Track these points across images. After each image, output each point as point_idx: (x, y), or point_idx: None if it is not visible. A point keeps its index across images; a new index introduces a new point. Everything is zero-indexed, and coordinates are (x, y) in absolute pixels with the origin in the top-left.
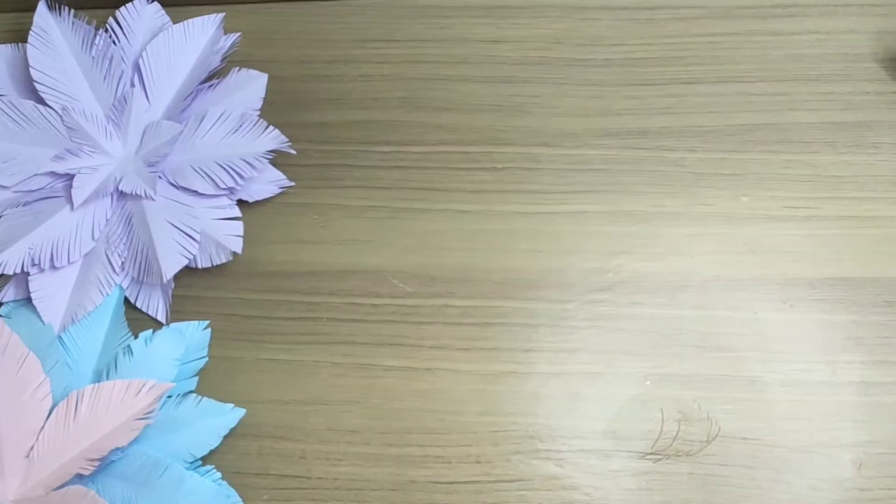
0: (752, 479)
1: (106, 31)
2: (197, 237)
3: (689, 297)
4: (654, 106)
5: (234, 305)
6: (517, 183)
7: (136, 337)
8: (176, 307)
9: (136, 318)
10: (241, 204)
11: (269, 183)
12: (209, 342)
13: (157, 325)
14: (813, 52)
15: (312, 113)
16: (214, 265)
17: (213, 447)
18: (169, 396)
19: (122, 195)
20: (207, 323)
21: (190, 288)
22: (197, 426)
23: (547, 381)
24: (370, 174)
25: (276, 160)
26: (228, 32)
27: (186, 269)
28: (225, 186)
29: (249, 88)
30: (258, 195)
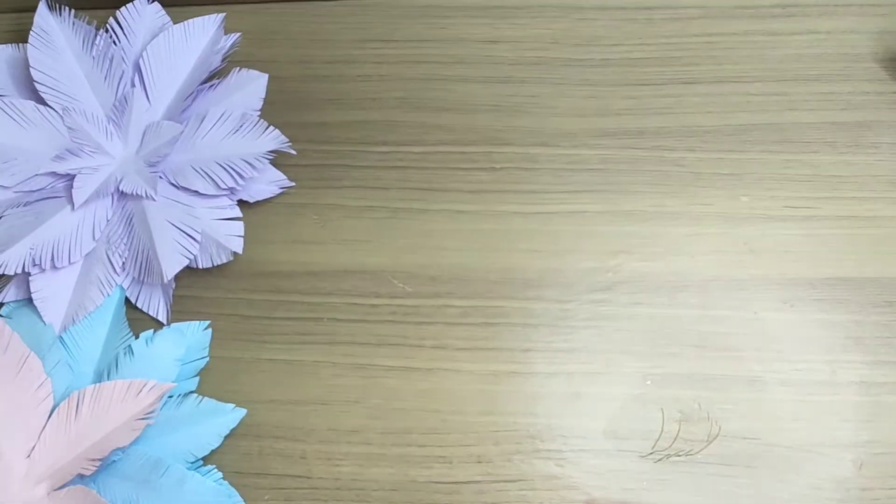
0: (752, 479)
1: (106, 31)
2: (197, 237)
3: (688, 296)
4: (652, 106)
5: (234, 305)
6: (516, 183)
7: (136, 337)
8: (177, 307)
9: (136, 318)
10: (241, 204)
11: (269, 183)
12: (210, 342)
13: (157, 325)
14: (812, 51)
15: (312, 113)
16: (215, 265)
17: (213, 447)
18: (170, 396)
19: (122, 195)
20: (208, 323)
21: (191, 288)
22: (198, 426)
23: (547, 380)
24: (369, 174)
25: (276, 160)
26: (229, 32)
27: (187, 269)
28: (225, 186)
29: (250, 89)
30: (258, 195)
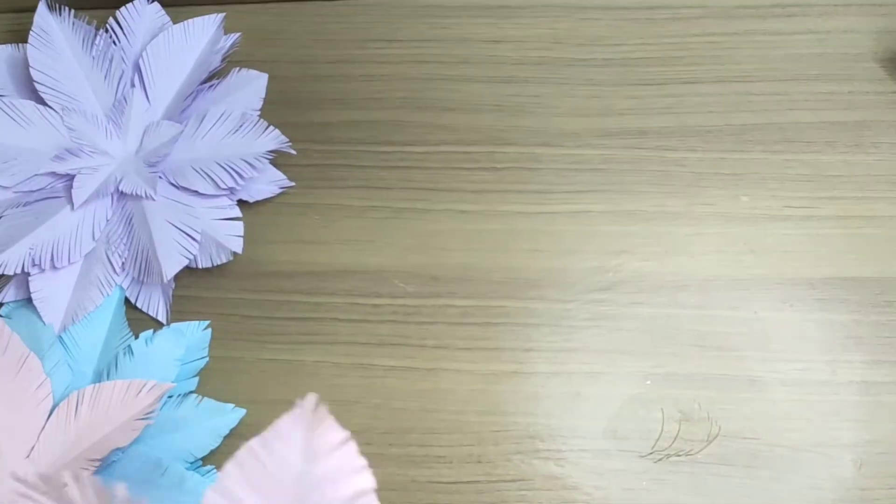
0: (752, 478)
1: (106, 31)
2: (197, 237)
3: (689, 296)
4: (654, 106)
5: (234, 305)
6: (518, 183)
7: (136, 337)
8: (176, 307)
9: (136, 318)
10: (241, 204)
11: (269, 183)
12: (210, 342)
13: (157, 325)
14: (813, 51)
15: (313, 113)
16: (215, 265)
17: (213, 447)
18: (169, 396)
19: (122, 195)
20: (208, 323)
21: (190, 288)
22: (197, 426)
23: (547, 380)
24: (371, 174)
25: (276, 160)
26: (229, 32)
27: (187, 269)
28: (225, 186)
29: (250, 88)
30: (259, 195)
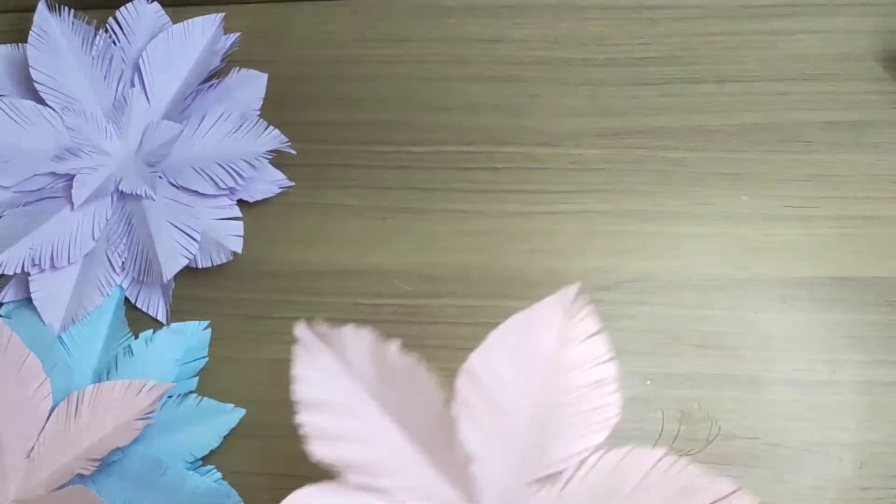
0: (752, 478)
1: (106, 31)
2: (197, 237)
3: (689, 296)
4: (654, 105)
5: (234, 305)
6: (518, 183)
7: (136, 337)
8: (176, 307)
9: (136, 318)
10: (241, 204)
11: (269, 183)
12: (210, 342)
13: (157, 325)
14: (813, 51)
15: (313, 112)
16: (215, 265)
17: (213, 447)
18: (169, 396)
19: (122, 195)
20: (208, 323)
21: (190, 288)
22: (197, 426)
23: None
24: (371, 174)
25: (276, 160)
26: (228, 32)
27: (187, 269)
28: (225, 186)
29: (249, 88)
30: (258, 195)
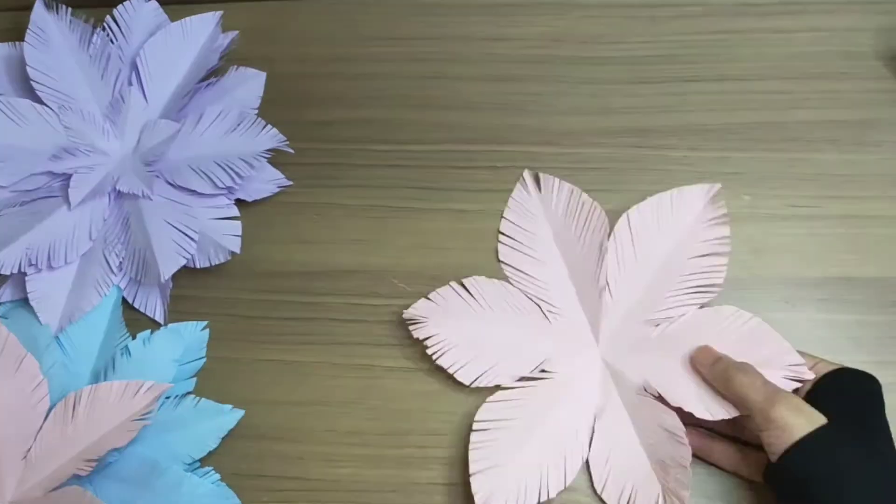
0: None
1: (103, 29)
2: (195, 237)
3: None
4: (655, 104)
5: (232, 306)
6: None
7: (134, 338)
8: (174, 307)
9: (134, 318)
10: (239, 203)
11: (267, 182)
12: (208, 343)
13: (155, 325)
14: (815, 49)
15: (311, 111)
16: (213, 265)
17: (211, 448)
18: (167, 397)
19: (119, 195)
20: (206, 323)
21: (188, 288)
22: (195, 427)
23: None
24: (369, 173)
25: (274, 159)
26: (227, 30)
27: (184, 269)
28: (223, 185)
29: (248, 87)
30: (256, 194)
